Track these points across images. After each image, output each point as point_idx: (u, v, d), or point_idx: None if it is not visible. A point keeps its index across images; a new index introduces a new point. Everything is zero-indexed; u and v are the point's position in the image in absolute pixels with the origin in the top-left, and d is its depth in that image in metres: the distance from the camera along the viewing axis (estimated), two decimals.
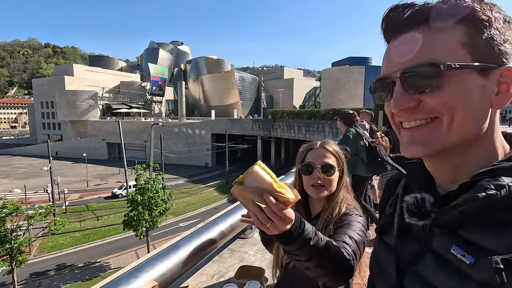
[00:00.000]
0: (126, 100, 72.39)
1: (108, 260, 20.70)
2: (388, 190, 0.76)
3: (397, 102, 0.49)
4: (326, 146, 1.30)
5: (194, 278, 1.81)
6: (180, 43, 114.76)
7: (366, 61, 60.94)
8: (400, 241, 0.58)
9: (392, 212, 0.64)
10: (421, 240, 0.53)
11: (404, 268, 0.54)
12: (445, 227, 0.48)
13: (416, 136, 0.49)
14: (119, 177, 41.99)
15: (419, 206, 0.49)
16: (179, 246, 1.32)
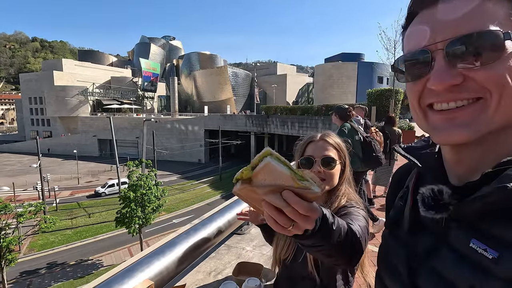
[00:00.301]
0: (117, 96, 71.23)
1: (100, 257, 20.48)
2: (397, 182, 0.72)
3: (441, 78, 0.43)
4: (327, 138, 1.25)
5: (191, 275, 1.76)
6: (172, 38, 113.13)
7: (359, 57, 61.03)
8: (412, 235, 0.55)
9: (403, 205, 0.61)
10: (436, 234, 0.50)
11: (418, 264, 0.51)
12: (463, 220, 0.45)
13: (459, 118, 0.44)
14: (111, 174, 41.45)
15: (436, 199, 0.47)
16: (175, 244, 1.27)
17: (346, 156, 1.26)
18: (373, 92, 19.64)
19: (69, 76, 64.77)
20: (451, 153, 0.50)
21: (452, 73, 0.43)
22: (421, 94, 0.48)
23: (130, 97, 73.20)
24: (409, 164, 0.68)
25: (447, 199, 0.46)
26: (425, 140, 0.62)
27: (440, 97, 0.45)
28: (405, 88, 0.53)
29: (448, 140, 0.46)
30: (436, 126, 0.47)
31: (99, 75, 71.47)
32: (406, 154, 0.58)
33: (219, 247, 2.15)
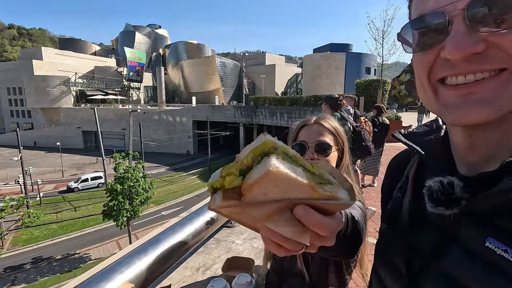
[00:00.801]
0: (102, 86, 69.12)
1: (88, 251, 20.17)
2: (393, 171, 0.66)
3: (460, 45, 0.36)
4: (322, 121, 1.12)
5: (178, 272, 1.68)
6: (157, 27, 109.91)
7: (347, 47, 61.16)
8: (413, 231, 0.49)
9: (401, 197, 0.55)
10: (443, 230, 0.44)
11: (422, 264, 0.46)
12: (475, 215, 0.40)
13: (477, 93, 0.37)
14: (96, 166, 40.54)
15: (447, 193, 0.41)
16: (159, 241, 1.17)
17: (344, 142, 1.14)
18: (361, 83, 19.75)
19: (50, 66, 62.20)
20: (462, 137, 0.44)
21: (473, 38, 0.35)
22: (432, 67, 0.41)
23: (115, 88, 71.18)
24: (407, 151, 0.65)
25: (459, 193, 0.40)
26: (427, 125, 0.57)
27: (456, 69, 0.38)
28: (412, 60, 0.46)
29: (463, 120, 0.38)
30: (449, 103, 0.40)
31: (81, 65, 68.98)
32: (407, 141, 0.52)
33: (208, 241, 2.07)
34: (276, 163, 0.32)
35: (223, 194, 0.34)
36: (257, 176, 0.32)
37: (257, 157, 0.34)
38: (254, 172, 0.33)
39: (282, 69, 76.23)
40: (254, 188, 0.32)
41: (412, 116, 21.58)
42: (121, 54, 79.23)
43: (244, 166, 0.34)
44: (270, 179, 0.31)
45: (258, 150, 0.35)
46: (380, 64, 18.88)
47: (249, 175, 0.33)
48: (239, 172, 0.34)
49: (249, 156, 0.35)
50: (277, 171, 0.31)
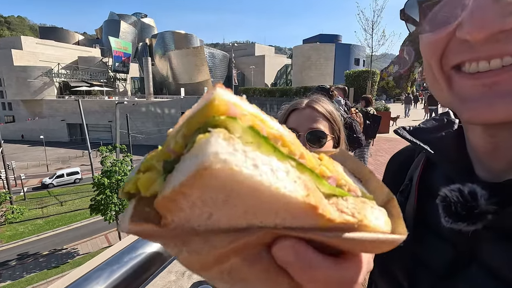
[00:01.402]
0: (86, 77, 67.07)
1: (76, 246, 19.84)
2: (394, 173, 0.57)
3: (484, 20, 0.28)
4: (315, 105, 0.96)
5: (161, 277, 1.56)
6: (143, 15, 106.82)
7: (336, 38, 61.05)
8: (417, 243, 0.41)
9: (404, 202, 0.47)
10: (457, 245, 0.37)
11: (430, 283, 0.39)
12: (500, 229, 0.33)
13: (504, 84, 0.29)
14: (83, 160, 39.62)
15: (469, 206, 0.33)
16: (135, 249, 1.04)
17: (340, 128, 1.00)
18: (350, 74, 19.81)
19: (31, 56, 59.73)
20: (482, 137, 0.36)
21: (500, 11, 0.27)
22: (444, 50, 0.33)
23: (101, 79, 69.23)
24: (409, 149, 0.56)
25: (484, 205, 0.32)
26: (436, 119, 0.48)
27: (476, 52, 0.30)
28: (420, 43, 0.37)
29: (486, 118, 0.31)
30: (468, 97, 0.32)
31: (64, 55, 66.55)
32: (413, 139, 0.44)
33: None
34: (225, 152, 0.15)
35: (135, 210, 0.19)
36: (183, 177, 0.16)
37: (194, 133, 0.18)
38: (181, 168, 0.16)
39: (271, 60, 75.68)
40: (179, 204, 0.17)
41: (400, 108, 21.82)
42: (106, 44, 76.79)
43: (172, 155, 0.19)
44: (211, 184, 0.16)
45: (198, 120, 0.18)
46: (369, 55, 18.91)
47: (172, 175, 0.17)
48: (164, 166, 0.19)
49: (181, 132, 0.19)
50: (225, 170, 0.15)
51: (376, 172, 2.29)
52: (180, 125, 0.19)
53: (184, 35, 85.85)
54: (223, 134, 0.15)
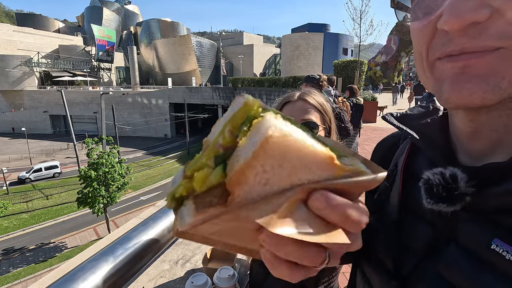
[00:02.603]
0: (69, 67, 64.57)
1: (63, 239, 19.56)
2: (380, 159, 0.58)
3: (460, 10, 0.28)
4: (307, 97, 1.01)
5: (155, 266, 1.58)
6: (127, 2, 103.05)
7: (325, 27, 60.98)
8: (402, 226, 0.44)
9: (389, 187, 0.49)
10: (437, 226, 0.39)
11: (412, 264, 0.41)
12: (478, 211, 0.35)
13: (473, 67, 0.30)
14: (68, 152, 38.65)
15: (449, 188, 0.34)
16: (129, 239, 1.05)
17: (331, 119, 1.03)
18: (339, 63, 19.86)
19: (7, 44, 56.91)
20: (463, 121, 0.38)
21: (477, 3, 0.28)
22: (431, 42, 0.34)
23: (84, 68, 66.85)
24: (396, 135, 0.59)
25: (463, 187, 0.34)
26: (423, 106, 0.50)
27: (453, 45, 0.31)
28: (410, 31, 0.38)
29: (456, 98, 0.32)
30: (445, 78, 0.33)
31: (44, 43, 63.67)
32: (400, 125, 0.46)
33: None
34: (278, 124, 0.22)
35: (196, 203, 0.22)
36: (250, 152, 0.21)
37: (241, 126, 0.23)
38: (243, 149, 0.21)
39: (260, 50, 74.92)
40: (247, 176, 0.21)
41: (387, 97, 22.17)
42: (88, 32, 74.00)
43: (221, 149, 0.23)
44: (272, 153, 0.21)
45: (239, 118, 0.24)
46: (357, 45, 18.97)
47: (234, 158, 0.22)
48: (215, 161, 0.23)
49: (226, 130, 0.24)
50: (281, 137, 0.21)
51: None
52: (223, 126, 0.24)
53: (170, 23, 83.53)
54: (271, 115, 0.22)
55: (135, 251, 1.06)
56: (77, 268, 0.91)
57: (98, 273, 0.92)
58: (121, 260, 1.02)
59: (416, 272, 0.40)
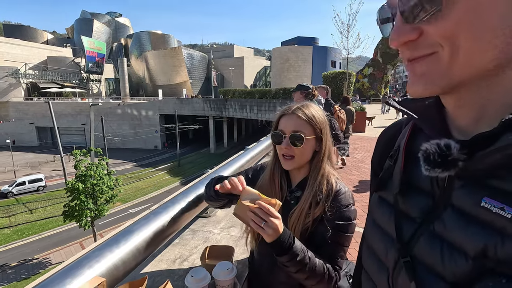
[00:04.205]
0: (57, 78, 63.76)
1: (48, 255, 18.79)
2: (383, 143, 0.66)
3: (395, 34, 0.41)
4: (298, 112, 1.13)
5: (152, 265, 1.58)
6: (118, 15, 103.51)
7: (314, 41, 62.35)
8: (404, 197, 0.50)
9: (392, 165, 0.56)
10: (434, 194, 0.45)
11: (413, 229, 0.47)
12: (469, 177, 0.40)
13: (416, 69, 0.41)
14: (54, 165, 37.66)
15: (444, 154, 0.39)
16: (132, 232, 1.07)
17: (322, 130, 1.14)
18: (328, 75, 20.31)
19: None
20: (449, 101, 0.46)
21: (406, 28, 0.39)
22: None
23: (73, 80, 66.13)
24: (397, 123, 0.66)
25: (456, 154, 0.39)
26: None
27: (403, 53, 0.42)
28: None
29: (412, 92, 0.43)
30: (408, 78, 0.44)
31: (32, 54, 62.89)
32: (400, 107, 0.53)
33: (183, 232, 1.98)
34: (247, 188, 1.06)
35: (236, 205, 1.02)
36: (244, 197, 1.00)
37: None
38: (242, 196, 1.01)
39: (250, 62, 75.95)
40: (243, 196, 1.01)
41: (375, 108, 22.73)
42: (78, 44, 73.57)
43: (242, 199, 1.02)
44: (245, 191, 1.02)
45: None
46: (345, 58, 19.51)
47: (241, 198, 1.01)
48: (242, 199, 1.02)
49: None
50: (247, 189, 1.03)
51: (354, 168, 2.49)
52: None
53: (161, 35, 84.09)
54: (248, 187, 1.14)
55: (138, 243, 1.08)
56: (83, 256, 0.93)
57: (103, 262, 0.93)
58: (124, 251, 1.03)
59: (416, 235, 0.46)
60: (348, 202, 1.08)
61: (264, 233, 0.91)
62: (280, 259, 0.95)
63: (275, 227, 0.90)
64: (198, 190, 1.49)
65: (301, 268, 0.96)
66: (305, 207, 1.06)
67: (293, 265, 0.95)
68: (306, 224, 1.06)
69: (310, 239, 1.05)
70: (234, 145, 46.10)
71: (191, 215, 1.48)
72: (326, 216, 1.06)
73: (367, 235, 0.61)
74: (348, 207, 1.08)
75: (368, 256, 0.59)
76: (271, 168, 1.20)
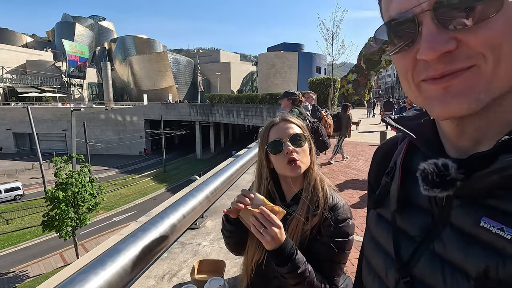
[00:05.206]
0: (36, 83, 61.55)
1: (25, 268, 17.88)
2: (380, 159, 0.66)
3: (432, 46, 0.35)
4: (288, 118, 1.18)
5: (140, 283, 1.51)
6: (101, 19, 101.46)
7: (299, 47, 63.25)
8: (401, 216, 0.50)
9: (389, 182, 0.55)
10: (433, 213, 0.45)
11: (413, 248, 0.46)
12: (467, 196, 0.40)
13: (455, 85, 0.37)
14: (33, 173, 36.13)
15: (442, 175, 0.39)
16: (119, 251, 1.02)
17: (309, 136, 1.19)
18: (314, 81, 20.64)
19: None
20: (450, 127, 0.44)
21: (444, 37, 0.35)
22: (414, 68, 0.40)
23: (53, 84, 64.01)
24: (393, 139, 0.66)
25: (453, 173, 0.39)
26: (417, 109, 0.57)
27: (431, 70, 0.38)
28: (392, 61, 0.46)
29: (446, 113, 0.38)
30: (432, 97, 0.39)
31: (10, 58, 60.52)
32: (397, 125, 0.52)
33: (171, 245, 1.91)
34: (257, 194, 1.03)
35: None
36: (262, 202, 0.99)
37: None
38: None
39: (237, 67, 76.10)
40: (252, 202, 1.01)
41: (360, 113, 23.21)
42: (59, 47, 71.45)
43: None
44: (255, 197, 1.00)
45: None
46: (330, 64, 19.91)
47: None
48: None
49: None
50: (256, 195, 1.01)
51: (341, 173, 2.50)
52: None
53: (146, 40, 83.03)
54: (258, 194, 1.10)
55: (125, 263, 1.03)
56: (66, 280, 0.87)
57: (87, 286, 0.88)
58: (109, 272, 0.98)
59: (416, 255, 0.45)
60: (346, 217, 1.07)
61: (263, 239, 0.90)
62: (281, 269, 0.93)
63: (273, 235, 0.90)
64: (188, 202, 1.45)
65: (300, 282, 0.94)
66: (303, 213, 1.05)
67: (292, 277, 0.93)
68: (305, 232, 1.04)
69: (307, 256, 1.03)
70: (221, 151, 45.79)
71: (181, 229, 1.43)
72: (324, 231, 1.04)
73: (366, 253, 0.60)
74: (346, 222, 1.06)
75: (368, 273, 0.58)
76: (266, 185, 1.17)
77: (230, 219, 1.09)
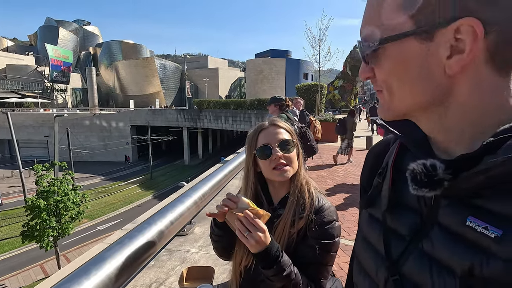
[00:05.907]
0: (17, 88, 59.64)
1: (2, 281, 17.02)
2: (372, 161, 0.67)
3: (360, 71, 0.49)
4: (277, 123, 1.18)
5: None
6: (86, 23, 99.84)
7: (287, 53, 64.03)
8: (392, 215, 0.52)
9: (381, 183, 0.58)
10: (422, 212, 0.47)
11: (402, 247, 0.48)
12: (454, 196, 0.42)
13: (380, 100, 0.49)
14: (12, 181, 34.70)
15: (430, 175, 0.41)
16: (104, 259, 0.98)
17: (297, 139, 1.19)
18: (301, 87, 20.95)
19: None
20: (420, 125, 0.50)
21: (367, 69, 0.48)
22: None
23: (35, 89, 62.17)
24: (385, 141, 0.67)
25: (441, 174, 0.41)
26: None
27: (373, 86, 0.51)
28: None
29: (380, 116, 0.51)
30: None
31: None
32: (386, 125, 0.56)
33: (159, 253, 1.87)
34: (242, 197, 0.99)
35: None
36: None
37: None
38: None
39: (225, 73, 76.30)
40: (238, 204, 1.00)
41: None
42: (41, 52, 69.71)
43: None
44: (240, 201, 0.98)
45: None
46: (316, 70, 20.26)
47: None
48: None
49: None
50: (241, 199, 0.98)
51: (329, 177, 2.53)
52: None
53: (132, 45, 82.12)
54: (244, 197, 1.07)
55: (110, 272, 1.00)
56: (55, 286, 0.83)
57: None
58: (94, 282, 0.94)
59: (405, 254, 0.47)
60: (331, 219, 1.08)
61: (248, 243, 0.91)
62: (266, 272, 0.93)
63: (258, 239, 0.90)
64: (175, 208, 1.42)
65: (286, 284, 0.95)
66: (289, 217, 1.05)
67: (278, 280, 0.94)
68: (292, 235, 1.05)
69: (294, 258, 1.03)
70: (209, 156, 45.44)
71: (169, 236, 1.40)
72: (310, 233, 1.04)
73: (358, 252, 0.62)
74: (332, 224, 1.07)
75: (359, 272, 0.60)
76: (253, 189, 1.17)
77: (218, 223, 1.08)
